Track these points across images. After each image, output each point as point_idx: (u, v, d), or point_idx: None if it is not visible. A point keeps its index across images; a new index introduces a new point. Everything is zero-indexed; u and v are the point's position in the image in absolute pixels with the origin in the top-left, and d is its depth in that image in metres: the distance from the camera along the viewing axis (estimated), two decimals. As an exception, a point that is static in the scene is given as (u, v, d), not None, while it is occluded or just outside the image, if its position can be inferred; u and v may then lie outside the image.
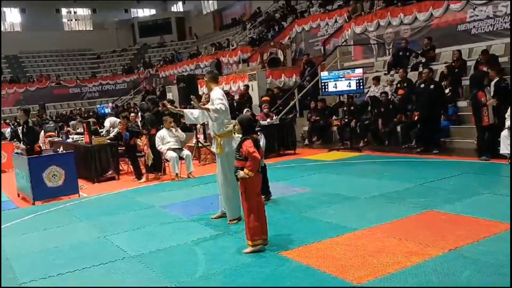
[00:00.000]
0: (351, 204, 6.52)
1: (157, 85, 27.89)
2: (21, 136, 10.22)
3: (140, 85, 29.92)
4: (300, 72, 16.66)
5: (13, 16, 35.09)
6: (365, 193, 6.99)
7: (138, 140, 10.52)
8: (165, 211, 7.21)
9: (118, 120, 13.07)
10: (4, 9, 34.54)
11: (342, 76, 11.83)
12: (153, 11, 39.52)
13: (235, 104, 14.86)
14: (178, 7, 38.85)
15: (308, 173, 9.32)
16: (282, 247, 4.89)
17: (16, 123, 20.50)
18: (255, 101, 15.65)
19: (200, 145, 12.21)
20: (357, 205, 6.47)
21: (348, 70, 12.20)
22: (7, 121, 24.35)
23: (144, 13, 39.52)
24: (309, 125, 13.82)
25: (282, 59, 18.05)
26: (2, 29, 34.69)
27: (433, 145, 10.16)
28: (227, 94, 15.97)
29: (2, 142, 14.71)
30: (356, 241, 4.89)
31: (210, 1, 34.95)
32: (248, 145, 4.79)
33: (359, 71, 11.80)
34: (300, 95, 15.23)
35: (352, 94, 12.66)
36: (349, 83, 11.67)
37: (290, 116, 14.22)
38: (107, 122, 14.60)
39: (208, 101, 9.77)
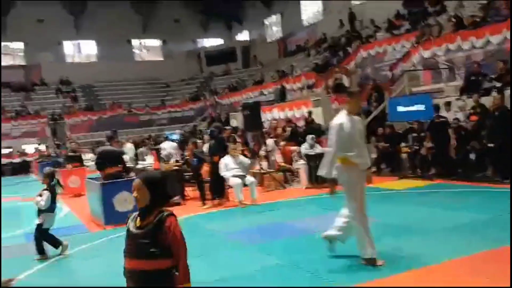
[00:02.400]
0: (420, 236, 6.19)
1: (222, 112, 28.42)
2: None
3: (206, 112, 30.60)
4: (366, 97, 16.38)
5: (89, 48, 37.31)
6: (436, 224, 6.64)
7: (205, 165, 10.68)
8: (229, 238, 7.19)
9: (174, 144, 13.30)
10: (80, 41, 36.87)
11: (410, 101, 11.50)
12: (219, 41, 40.65)
13: (299, 131, 14.80)
14: (243, 36, 39.72)
15: (375, 202, 9.00)
16: (352, 280, 4.70)
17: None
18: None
19: (263, 171, 12.20)
20: (427, 237, 6.13)
21: (417, 95, 11.84)
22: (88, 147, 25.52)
23: (210, 43, 40.74)
24: (377, 152, 13.44)
25: (347, 84, 17.86)
26: (78, 60, 36.98)
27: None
28: (290, 121, 16.01)
29: (78, 167, 15.41)
30: (427, 276, 4.62)
31: (275, 29, 35.45)
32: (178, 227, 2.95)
33: (428, 96, 11.42)
34: (367, 121, 14.91)
35: (421, 120, 12.21)
36: (418, 108, 11.30)
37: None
38: (165, 146, 14.87)
39: (277, 127, 9.35)
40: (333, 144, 5.20)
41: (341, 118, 5.24)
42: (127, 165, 10.18)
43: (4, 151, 27.21)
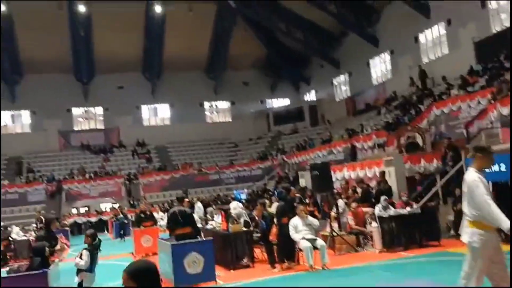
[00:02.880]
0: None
1: (290, 171, 28.35)
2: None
3: (274, 171, 30.69)
4: (441, 156, 15.71)
5: (163, 111, 39.18)
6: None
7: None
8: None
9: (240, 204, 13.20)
10: (156, 105, 38.88)
11: (490, 160, 10.86)
12: (286, 101, 41.34)
13: (372, 191, 14.36)
14: (311, 96, 40.16)
15: (455, 269, 8.36)
16: None
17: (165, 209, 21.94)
18: (393, 187, 14.96)
19: (334, 234, 11.82)
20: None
21: (497, 154, 11.18)
22: (160, 205, 26.30)
23: (278, 103, 41.52)
24: (455, 214, 12.68)
25: (420, 143, 17.29)
26: (154, 123, 38.86)
27: None
28: (362, 181, 15.59)
29: (150, 226, 15.66)
30: None
31: (343, 88, 35.58)
32: None
33: (509, 155, 10.75)
34: (442, 181, 14.25)
35: (503, 181, 11.46)
36: (499, 167, 10.64)
37: (433, 204, 13.26)
38: (234, 206, 14.84)
39: (347, 188, 8.76)
40: (488, 198, 4.69)
41: (474, 175, 4.85)
42: (197, 226, 10.24)
43: (81, 210, 28.63)
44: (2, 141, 33.44)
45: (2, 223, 19.55)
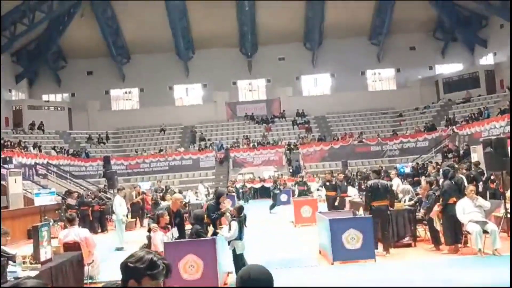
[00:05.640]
0: None
1: (461, 143, 26.21)
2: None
3: (442, 143, 28.66)
4: None
5: (323, 81, 39.04)
6: None
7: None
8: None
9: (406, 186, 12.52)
10: (316, 75, 38.83)
11: None
12: (459, 66, 37.92)
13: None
14: (488, 60, 36.21)
15: None
16: None
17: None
18: None
19: (509, 215, 10.60)
20: None
21: None
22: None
23: (449, 68, 38.31)
24: None
25: None
26: (314, 93, 38.99)
27: None
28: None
29: (306, 198, 15.87)
30: None
31: (527, 50, 31.30)
32: None
33: None
34: None
35: None
36: None
37: None
38: (397, 183, 14.20)
39: None
40: None
41: None
42: (393, 199, 10.04)
43: (246, 176, 30.30)
44: (179, 112, 37.16)
45: (179, 187, 21.72)
